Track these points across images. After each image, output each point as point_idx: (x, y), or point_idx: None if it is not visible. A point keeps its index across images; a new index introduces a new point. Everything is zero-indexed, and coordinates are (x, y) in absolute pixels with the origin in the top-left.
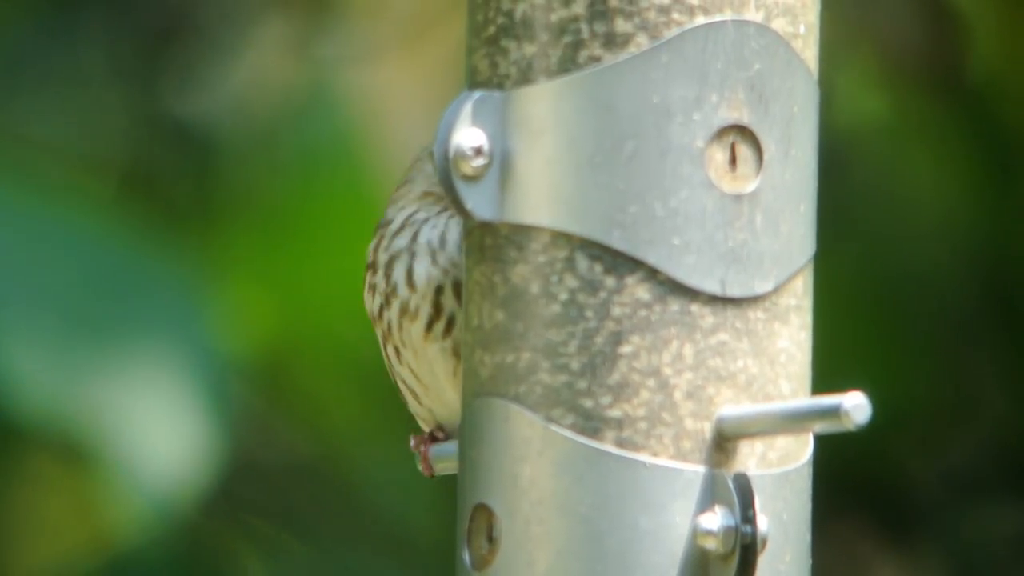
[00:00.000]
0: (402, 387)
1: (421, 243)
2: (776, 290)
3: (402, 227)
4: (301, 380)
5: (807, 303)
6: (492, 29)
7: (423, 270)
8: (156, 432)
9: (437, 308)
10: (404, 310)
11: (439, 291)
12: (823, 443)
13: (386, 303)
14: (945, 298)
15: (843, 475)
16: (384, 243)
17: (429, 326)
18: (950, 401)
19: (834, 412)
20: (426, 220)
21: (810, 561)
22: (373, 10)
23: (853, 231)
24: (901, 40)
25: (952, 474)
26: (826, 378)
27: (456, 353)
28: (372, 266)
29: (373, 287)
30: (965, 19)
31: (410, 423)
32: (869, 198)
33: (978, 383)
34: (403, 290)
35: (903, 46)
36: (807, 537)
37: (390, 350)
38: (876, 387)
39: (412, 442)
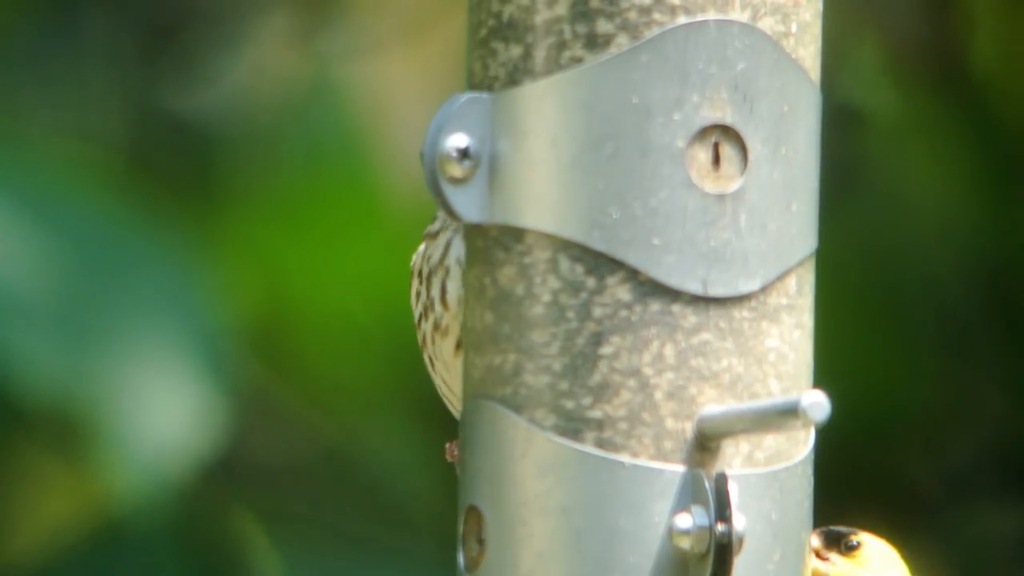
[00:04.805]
0: (440, 394)
1: (451, 257)
2: (764, 289)
3: (437, 233)
4: (301, 354)
5: (803, 302)
6: (484, 31)
7: (455, 288)
8: (154, 405)
9: None
10: (437, 326)
11: None
12: (823, 442)
13: (424, 315)
14: (947, 298)
15: (843, 475)
16: (427, 252)
17: (458, 345)
18: (952, 401)
19: (792, 410)
20: (457, 230)
21: (808, 560)
22: (375, 4)
23: (856, 231)
24: (904, 34)
25: (953, 474)
26: (828, 378)
27: None
28: (417, 274)
29: (417, 294)
30: (967, 14)
31: (413, 398)
32: (872, 196)
33: (980, 383)
34: (438, 307)
35: (906, 39)
36: (801, 536)
37: (426, 358)
38: (878, 387)
39: (447, 454)
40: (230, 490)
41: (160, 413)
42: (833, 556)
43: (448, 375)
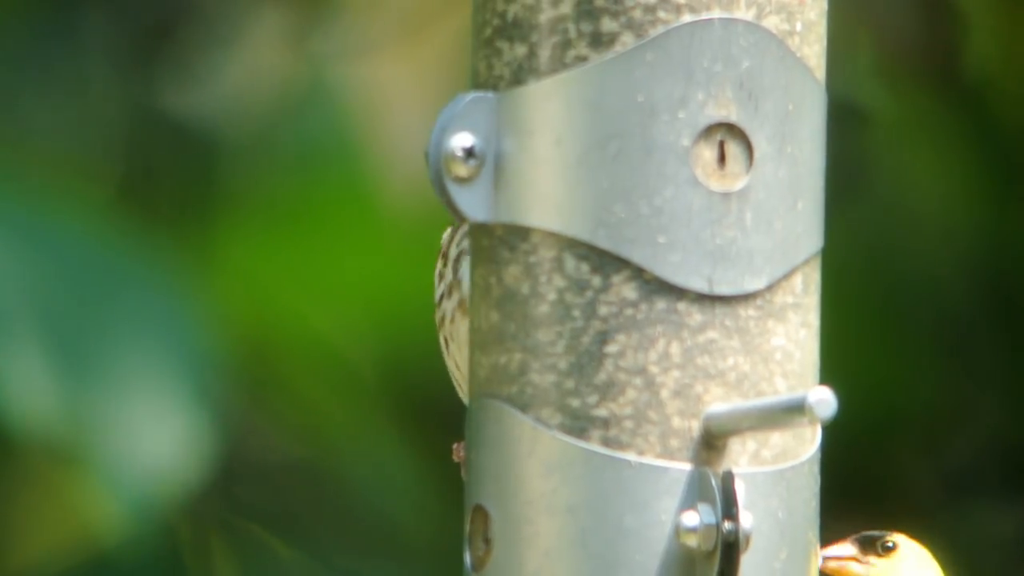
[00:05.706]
0: (451, 377)
1: None
2: (770, 288)
3: None
4: (292, 379)
5: (809, 301)
6: (488, 31)
7: None
8: (143, 433)
9: None
10: (461, 304)
11: None
12: (824, 442)
13: (447, 293)
14: (948, 298)
15: (844, 474)
16: (457, 238)
17: None
18: (952, 402)
19: (798, 407)
20: None
21: (816, 560)
22: (371, 3)
23: (856, 231)
24: (903, 33)
25: (953, 474)
26: (829, 378)
27: None
28: (443, 256)
29: (441, 275)
30: (963, 14)
31: (399, 425)
32: (873, 196)
33: (980, 384)
34: (465, 287)
35: (905, 39)
36: (808, 535)
37: (442, 339)
38: (878, 387)
39: (454, 455)
40: (218, 518)
41: (148, 441)
42: (871, 559)
43: (461, 357)
